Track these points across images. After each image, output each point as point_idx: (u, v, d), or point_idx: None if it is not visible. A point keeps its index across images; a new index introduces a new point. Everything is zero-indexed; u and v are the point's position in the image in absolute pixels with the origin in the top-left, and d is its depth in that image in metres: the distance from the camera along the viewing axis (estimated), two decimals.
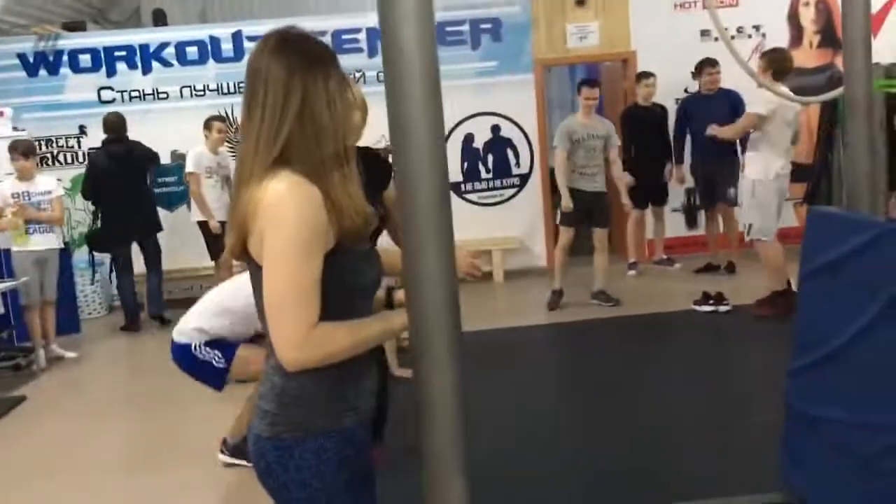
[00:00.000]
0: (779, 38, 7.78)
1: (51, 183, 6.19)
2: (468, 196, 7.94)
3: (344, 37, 7.63)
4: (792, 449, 2.29)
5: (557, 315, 6.26)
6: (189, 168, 6.80)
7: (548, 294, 6.52)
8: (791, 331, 2.36)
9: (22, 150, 6.01)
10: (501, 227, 7.86)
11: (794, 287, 5.61)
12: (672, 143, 7.24)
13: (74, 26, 8.38)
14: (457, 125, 7.77)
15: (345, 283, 1.56)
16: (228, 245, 1.57)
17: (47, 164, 7.63)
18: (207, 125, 6.84)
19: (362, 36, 7.67)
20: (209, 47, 7.68)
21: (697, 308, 6.02)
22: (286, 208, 1.46)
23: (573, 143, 6.13)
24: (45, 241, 5.96)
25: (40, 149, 7.57)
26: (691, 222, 8.12)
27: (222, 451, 3.88)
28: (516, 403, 4.48)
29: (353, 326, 1.54)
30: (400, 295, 1.86)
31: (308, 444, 1.55)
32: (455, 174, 7.90)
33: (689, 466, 3.50)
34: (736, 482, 3.19)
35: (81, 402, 5.16)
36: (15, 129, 7.30)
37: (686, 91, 7.88)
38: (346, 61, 7.30)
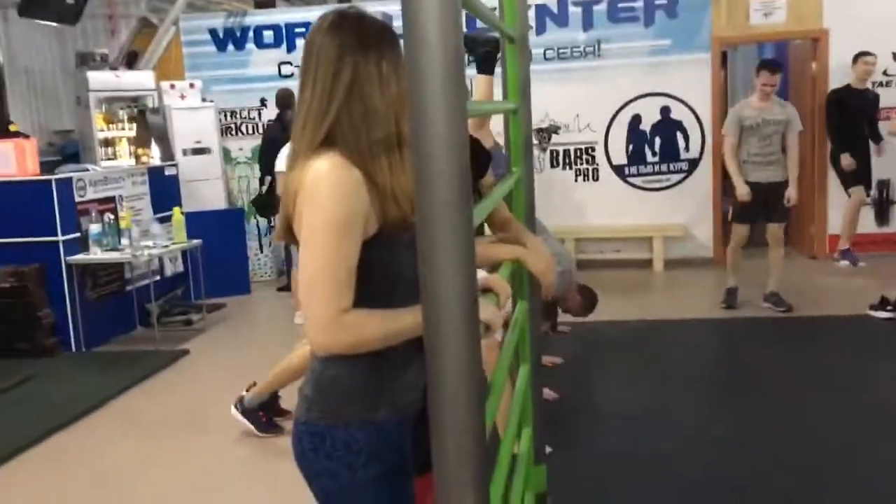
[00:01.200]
0: None
1: None
2: (632, 180, 7.65)
3: None
4: None
5: (718, 311, 5.92)
6: None
7: (713, 287, 6.17)
8: None
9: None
10: (665, 214, 7.53)
11: None
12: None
13: (265, 3, 8.86)
14: (624, 106, 7.50)
15: (385, 272, 1.52)
16: (277, 227, 1.57)
17: (231, 134, 8.15)
18: None
19: (530, 13, 7.56)
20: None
21: (873, 314, 5.49)
22: (323, 189, 1.43)
23: (745, 130, 5.67)
24: None
25: (225, 119, 8.11)
26: (882, 218, 7.40)
27: (235, 406, 4.07)
28: (658, 401, 4.29)
29: (387, 315, 1.48)
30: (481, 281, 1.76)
31: (338, 434, 1.53)
32: (619, 156, 7.64)
33: (826, 491, 3.21)
34: None
35: (240, 359, 5.47)
36: (204, 100, 7.86)
37: (885, 73, 7.17)
38: None
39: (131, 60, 8.19)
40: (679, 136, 7.51)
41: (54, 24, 6.94)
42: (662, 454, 3.62)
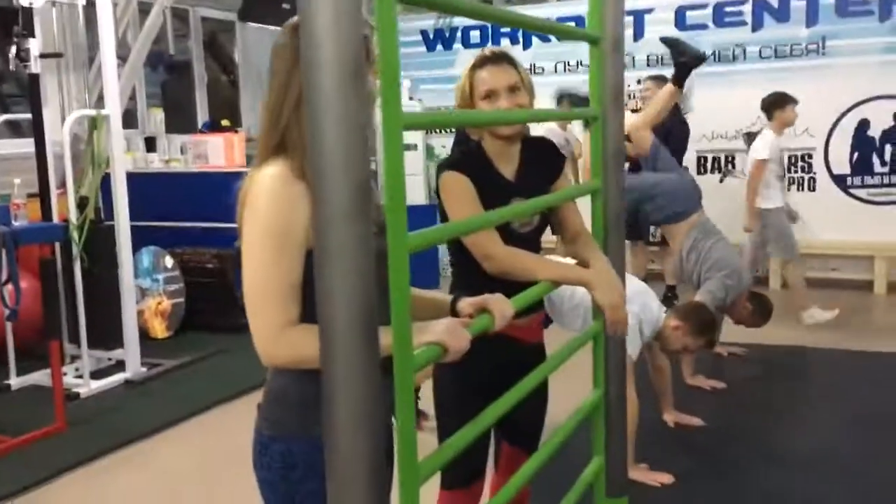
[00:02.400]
0: None
1: None
2: (855, 191, 6.87)
3: (726, 9, 7.06)
4: None
5: None
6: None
7: None
8: None
9: None
10: (893, 231, 6.67)
11: None
12: None
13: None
14: (849, 109, 6.75)
15: None
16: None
17: (435, 132, 8.38)
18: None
19: (747, 8, 7.01)
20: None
21: None
22: (264, 200, 1.43)
23: None
24: None
25: None
26: None
27: None
28: (838, 446, 3.73)
29: None
30: (463, 305, 1.66)
31: (277, 445, 1.53)
32: (842, 165, 6.89)
33: None
34: None
35: None
36: (411, 98, 8.14)
37: None
38: (726, 36, 6.81)
39: None
40: None
41: (273, 27, 7.52)
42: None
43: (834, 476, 3.41)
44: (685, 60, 4.55)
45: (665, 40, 4.83)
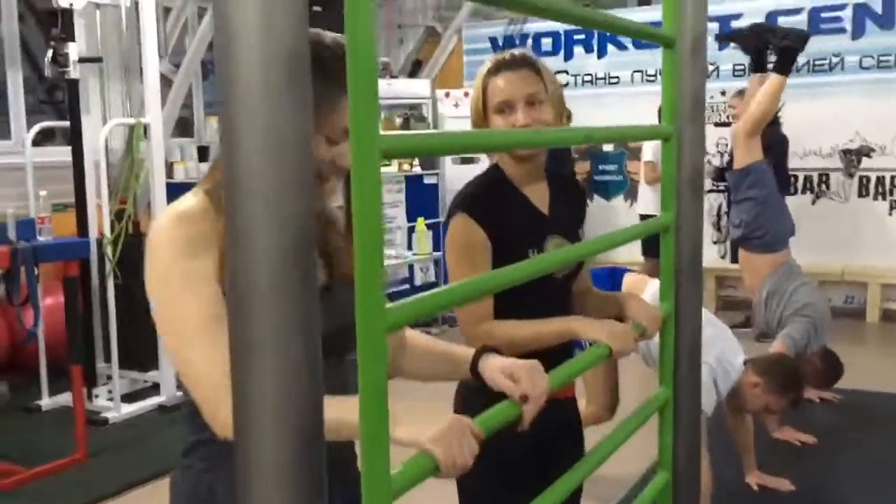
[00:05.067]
0: None
1: None
2: None
3: (823, 15, 6.45)
4: None
5: None
6: (649, 157, 6.40)
7: None
8: None
9: None
10: None
11: None
12: None
13: None
14: None
15: None
16: None
17: None
18: None
19: (847, 14, 6.39)
20: None
21: None
22: None
23: None
24: None
25: None
26: None
27: None
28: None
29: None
30: (492, 363, 1.30)
31: None
32: None
33: None
34: None
35: None
36: None
37: None
38: (823, 44, 6.17)
39: (415, 69, 8.34)
40: None
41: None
42: None
43: None
44: (788, 43, 4.05)
45: (758, 27, 4.35)
